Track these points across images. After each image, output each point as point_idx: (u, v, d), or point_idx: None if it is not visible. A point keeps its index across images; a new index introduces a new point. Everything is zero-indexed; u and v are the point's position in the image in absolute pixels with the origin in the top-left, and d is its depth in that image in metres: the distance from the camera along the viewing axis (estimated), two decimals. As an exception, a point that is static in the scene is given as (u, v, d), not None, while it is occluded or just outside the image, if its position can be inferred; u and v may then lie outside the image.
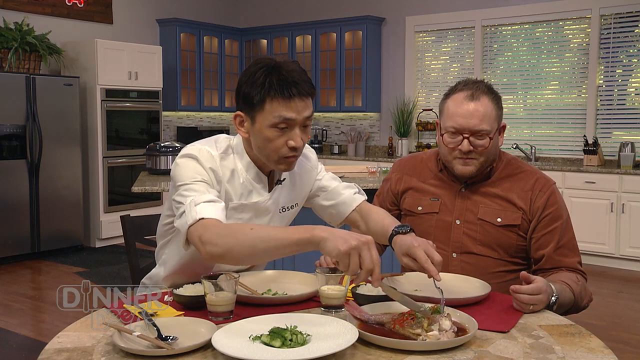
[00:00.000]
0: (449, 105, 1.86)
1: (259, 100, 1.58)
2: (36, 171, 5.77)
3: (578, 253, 1.88)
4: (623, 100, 6.00)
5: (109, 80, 6.27)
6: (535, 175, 1.92)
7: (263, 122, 1.59)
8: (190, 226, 1.51)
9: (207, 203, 1.54)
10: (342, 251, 1.33)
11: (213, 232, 1.48)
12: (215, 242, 1.46)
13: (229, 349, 1.20)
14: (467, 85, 1.85)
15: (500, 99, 1.89)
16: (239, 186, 1.69)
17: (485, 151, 1.84)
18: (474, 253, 1.87)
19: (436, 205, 1.94)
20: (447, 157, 1.89)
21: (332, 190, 1.88)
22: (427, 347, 1.27)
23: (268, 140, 1.61)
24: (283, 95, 1.56)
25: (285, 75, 1.58)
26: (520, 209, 1.86)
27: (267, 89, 1.57)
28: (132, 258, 2.17)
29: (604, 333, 3.45)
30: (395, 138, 7.27)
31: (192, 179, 1.59)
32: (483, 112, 1.81)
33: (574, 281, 1.76)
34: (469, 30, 6.78)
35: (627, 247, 5.46)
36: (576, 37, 6.21)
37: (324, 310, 1.52)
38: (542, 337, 1.37)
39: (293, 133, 1.60)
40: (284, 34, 7.84)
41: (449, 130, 1.84)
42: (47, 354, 1.26)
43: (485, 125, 1.81)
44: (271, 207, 1.75)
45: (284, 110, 1.57)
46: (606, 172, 5.57)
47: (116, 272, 5.31)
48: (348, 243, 1.33)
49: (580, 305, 1.77)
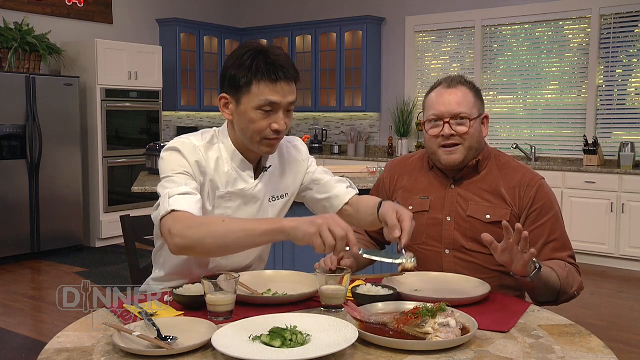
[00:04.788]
0: (429, 99, 1.94)
1: (245, 83, 1.62)
2: (36, 171, 5.78)
3: (570, 247, 1.88)
4: (623, 100, 6.00)
5: (109, 80, 6.28)
6: (522, 171, 1.93)
7: (248, 104, 1.63)
8: (162, 218, 1.54)
9: (181, 195, 1.56)
10: (312, 233, 1.39)
11: (183, 224, 1.50)
12: (184, 234, 1.48)
13: (228, 349, 1.20)
14: (445, 79, 1.93)
15: (479, 91, 1.94)
16: (224, 175, 1.71)
17: (467, 136, 1.87)
18: (465, 249, 1.88)
19: (426, 204, 1.95)
20: (433, 148, 1.92)
21: (325, 184, 1.90)
22: (427, 347, 1.27)
23: (252, 122, 1.64)
24: (270, 79, 1.60)
25: (272, 59, 1.61)
26: (509, 205, 1.87)
27: (254, 71, 1.60)
28: (132, 258, 2.17)
29: (604, 333, 3.45)
30: (395, 138, 7.27)
31: (172, 171, 1.63)
32: (461, 97, 1.87)
33: (561, 267, 1.78)
34: (469, 30, 6.78)
35: (627, 247, 5.46)
36: (576, 37, 6.21)
37: (324, 310, 1.52)
38: (542, 337, 1.37)
39: (277, 116, 1.64)
40: (284, 34, 7.84)
41: (430, 119, 1.90)
42: (47, 354, 1.26)
43: (464, 109, 1.86)
44: (259, 195, 1.76)
45: (269, 94, 1.61)
46: (606, 172, 5.57)
47: (116, 272, 5.32)
48: (315, 224, 1.40)
49: (568, 291, 1.77)
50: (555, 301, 1.80)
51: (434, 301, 1.42)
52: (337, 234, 1.39)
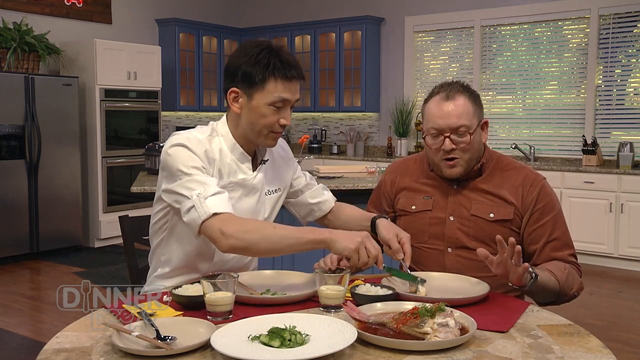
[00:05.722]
0: (427, 109, 1.92)
1: (260, 79, 1.70)
2: (35, 171, 5.78)
3: (571, 246, 1.90)
4: (622, 100, 6.00)
5: (108, 80, 6.28)
6: (524, 171, 1.95)
7: (261, 100, 1.71)
8: (205, 221, 1.59)
9: (214, 196, 1.63)
10: (352, 249, 1.56)
11: (236, 227, 1.59)
12: (241, 237, 1.58)
13: (227, 349, 1.20)
14: (443, 87, 1.91)
15: (478, 96, 1.93)
16: (226, 165, 1.78)
17: (468, 148, 1.87)
18: (468, 248, 1.89)
19: (429, 203, 1.97)
20: (434, 160, 1.93)
21: (316, 189, 2.06)
22: (426, 347, 1.27)
23: (263, 117, 1.72)
24: (286, 77, 1.71)
25: (286, 57, 1.73)
26: (511, 204, 1.89)
27: (271, 69, 1.69)
28: (130, 258, 2.18)
29: (603, 333, 3.45)
30: (394, 138, 7.28)
31: (188, 168, 1.66)
32: (461, 109, 1.86)
33: (561, 269, 1.79)
34: (468, 30, 6.78)
35: (626, 247, 5.46)
36: (575, 37, 6.22)
37: (322, 310, 1.52)
38: (541, 337, 1.37)
39: (286, 112, 1.75)
40: (283, 34, 7.84)
41: (431, 133, 1.89)
42: (45, 354, 1.26)
43: (464, 121, 1.85)
44: (258, 186, 1.84)
45: (283, 91, 1.71)
46: (605, 172, 5.57)
47: (115, 272, 5.31)
48: (355, 241, 1.56)
49: (567, 293, 1.79)
50: (556, 302, 1.81)
51: (433, 301, 1.42)
52: (372, 254, 1.58)
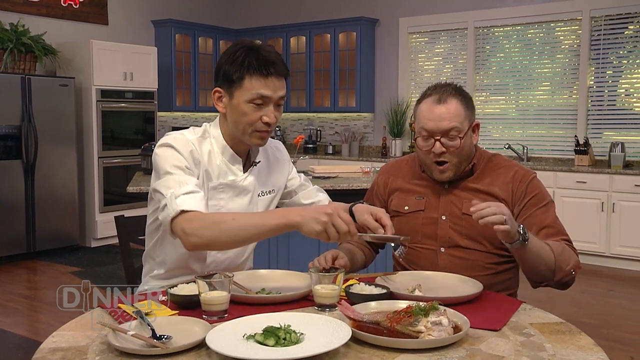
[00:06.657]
0: (419, 110, 1.92)
1: (238, 77, 1.72)
2: (32, 171, 5.77)
3: (564, 233, 1.88)
4: (613, 101, 6.04)
5: (104, 81, 6.27)
6: (515, 168, 1.96)
7: (241, 98, 1.73)
8: (173, 219, 1.61)
9: (187, 195, 1.63)
10: (318, 230, 1.50)
11: (196, 224, 1.59)
12: (199, 234, 1.58)
13: (222, 348, 1.21)
14: (435, 90, 1.91)
15: (470, 99, 1.93)
16: (216, 167, 1.80)
17: (458, 151, 1.87)
18: (460, 246, 1.90)
19: (422, 204, 1.98)
20: (425, 161, 1.94)
21: (310, 190, 2.08)
22: (420, 346, 1.28)
23: (244, 114, 1.73)
24: (261, 73, 1.70)
25: (264, 55, 1.72)
26: (502, 200, 1.89)
27: (246, 67, 1.70)
28: (126, 258, 2.19)
29: (594, 331, 3.48)
30: (389, 138, 7.29)
31: (170, 168, 1.68)
32: (452, 113, 1.86)
33: (557, 244, 1.78)
34: (461, 32, 6.81)
35: (617, 246, 5.50)
36: (567, 39, 6.25)
37: (317, 309, 1.54)
38: (533, 335, 1.39)
39: (267, 110, 1.74)
40: (278, 35, 7.85)
41: (422, 135, 1.90)
42: (41, 353, 1.27)
43: (455, 123, 1.85)
44: (249, 187, 1.85)
45: (261, 88, 1.71)
46: (597, 172, 5.61)
47: (111, 272, 5.32)
48: (320, 221, 1.50)
49: (563, 268, 1.76)
50: (552, 279, 1.78)
51: (427, 300, 1.44)
52: (341, 230, 1.50)
